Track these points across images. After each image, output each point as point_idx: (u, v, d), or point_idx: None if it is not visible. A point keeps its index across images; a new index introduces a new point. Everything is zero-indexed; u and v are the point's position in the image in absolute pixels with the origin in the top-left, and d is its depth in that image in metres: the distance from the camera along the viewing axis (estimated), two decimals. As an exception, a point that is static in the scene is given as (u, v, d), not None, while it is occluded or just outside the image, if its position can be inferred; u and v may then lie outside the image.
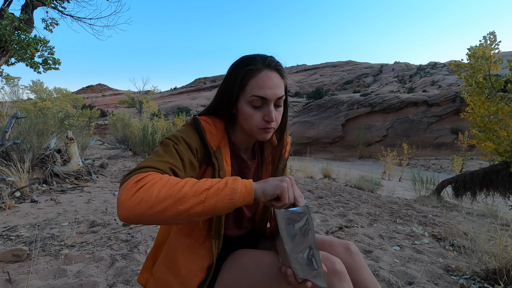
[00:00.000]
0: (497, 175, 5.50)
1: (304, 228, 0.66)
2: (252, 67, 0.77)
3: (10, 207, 2.73)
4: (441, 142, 27.75)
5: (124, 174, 0.65)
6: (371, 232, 2.49)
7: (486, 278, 1.61)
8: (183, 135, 0.77)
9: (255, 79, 0.77)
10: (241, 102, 0.80)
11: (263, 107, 0.79)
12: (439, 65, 70.78)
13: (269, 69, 0.78)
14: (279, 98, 0.79)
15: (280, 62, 0.82)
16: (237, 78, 0.79)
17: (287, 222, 0.65)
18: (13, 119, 3.78)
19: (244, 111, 0.80)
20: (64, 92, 24.68)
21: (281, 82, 0.81)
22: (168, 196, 0.59)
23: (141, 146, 7.14)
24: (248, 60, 0.79)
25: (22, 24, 6.15)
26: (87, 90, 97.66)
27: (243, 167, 0.91)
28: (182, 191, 0.60)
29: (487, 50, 5.43)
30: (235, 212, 0.92)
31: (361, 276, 0.83)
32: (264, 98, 0.77)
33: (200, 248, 0.84)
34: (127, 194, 0.58)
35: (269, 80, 0.77)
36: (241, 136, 0.89)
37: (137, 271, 1.54)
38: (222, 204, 0.61)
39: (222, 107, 0.84)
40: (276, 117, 0.80)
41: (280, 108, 0.82)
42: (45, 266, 1.58)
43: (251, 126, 0.80)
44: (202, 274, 0.81)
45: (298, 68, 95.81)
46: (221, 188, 0.62)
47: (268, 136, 0.82)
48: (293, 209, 0.65)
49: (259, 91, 0.77)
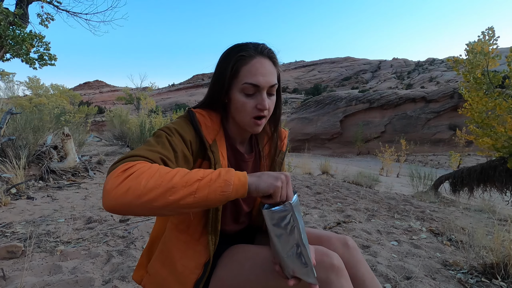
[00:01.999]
0: (494, 171, 5.51)
1: (290, 226, 0.64)
2: (245, 53, 0.76)
3: (6, 204, 2.71)
4: (439, 138, 27.84)
5: (112, 163, 0.62)
6: (369, 227, 2.49)
7: (484, 273, 1.61)
8: (177, 127, 0.74)
9: (247, 66, 0.75)
10: (234, 90, 0.78)
11: (255, 95, 0.77)
12: (437, 61, 70.81)
13: (262, 56, 0.77)
14: (272, 86, 0.77)
15: (272, 50, 0.80)
16: (229, 65, 0.77)
17: (271, 221, 0.64)
18: (7, 115, 3.74)
19: (236, 99, 0.78)
20: (61, 88, 24.47)
21: (274, 69, 0.79)
22: (158, 185, 0.56)
23: (138, 143, 7.11)
24: (240, 47, 0.78)
25: (16, 19, 6.06)
26: (85, 86, 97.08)
27: (240, 160, 0.89)
28: (173, 181, 0.57)
29: (485, 45, 5.42)
30: (233, 207, 0.90)
31: (359, 271, 0.82)
32: (257, 86, 0.75)
33: (197, 244, 0.82)
34: (114, 182, 0.55)
35: (262, 67, 0.76)
36: (235, 128, 0.87)
37: (133, 267, 1.53)
38: (214, 196, 0.59)
39: (216, 97, 0.81)
40: (269, 106, 0.78)
41: (272, 97, 0.80)
42: (40, 263, 1.56)
43: (244, 116, 0.78)
44: (198, 271, 0.80)
45: (297, 64, 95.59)
46: (214, 179, 0.60)
47: (259, 128, 0.80)
48: (276, 208, 0.64)
49: (251, 78, 0.75)
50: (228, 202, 0.87)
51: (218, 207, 0.80)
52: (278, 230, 0.64)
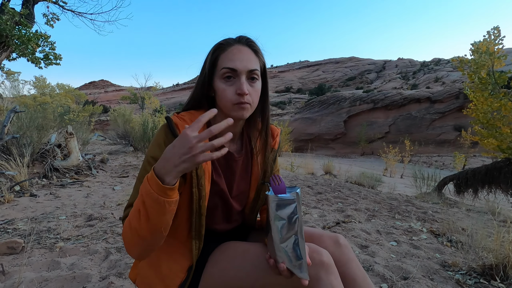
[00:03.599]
0: (499, 172, 5.44)
1: (292, 215, 0.65)
2: (223, 42, 0.80)
3: (9, 201, 2.74)
4: (443, 139, 27.58)
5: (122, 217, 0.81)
6: (369, 227, 2.48)
7: (483, 274, 1.59)
8: (154, 153, 0.77)
9: (225, 53, 0.78)
10: (215, 80, 0.80)
11: (235, 80, 0.77)
12: (443, 62, 70.15)
13: (240, 44, 0.80)
14: (251, 71, 0.77)
15: (252, 39, 0.82)
16: (209, 55, 0.81)
17: (276, 208, 0.65)
18: (12, 113, 3.79)
19: (218, 87, 0.79)
20: (66, 88, 24.73)
21: (254, 57, 0.80)
22: (132, 236, 0.68)
23: (141, 142, 7.16)
24: (221, 40, 0.81)
25: (22, 19, 6.13)
26: (90, 86, 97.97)
27: (230, 160, 0.89)
28: (132, 225, 0.67)
29: (491, 45, 5.35)
30: (224, 206, 0.90)
31: (349, 269, 0.82)
32: (234, 70, 0.76)
33: (183, 248, 0.83)
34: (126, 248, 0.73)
35: (240, 53, 0.78)
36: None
37: (130, 264, 1.54)
38: (157, 210, 0.63)
39: (200, 91, 0.83)
40: (251, 94, 0.78)
41: (255, 84, 0.79)
42: (39, 259, 1.58)
43: (226, 102, 0.78)
44: (182, 275, 0.80)
45: (301, 64, 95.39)
46: (143, 200, 0.64)
47: (244, 113, 0.78)
48: (283, 196, 0.66)
49: (229, 63, 0.77)
50: (218, 201, 0.88)
51: (201, 211, 0.80)
52: (280, 218, 0.65)
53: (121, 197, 3.12)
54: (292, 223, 0.65)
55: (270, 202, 0.66)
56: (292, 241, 0.66)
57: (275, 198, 0.65)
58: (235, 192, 0.91)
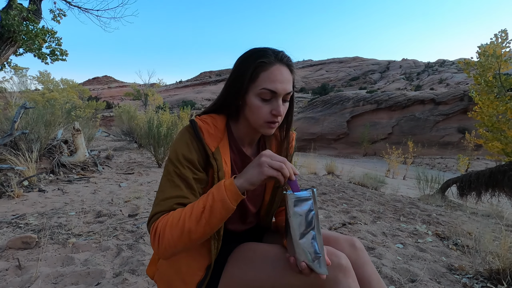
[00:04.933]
0: (503, 176, 5.43)
1: (309, 212, 0.69)
2: (265, 60, 0.77)
3: (19, 196, 2.79)
4: (447, 141, 27.45)
5: (146, 222, 0.81)
6: (374, 229, 2.50)
7: (489, 278, 1.61)
8: (183, 151, 0.79)
9: (267, 72, 0.77)
10: (250, 94, 0.80)
11: (271, 100, 0.79)
12: (447, 63, 69.69)
13: (281, 64, 0.79)
14: (287, 93, 0.80)
15: (290, 58, 0.82)
16: (248, 69, 0.78)
17: (294, 205, 0.69)
18: (21, 109, 3.83)
19: (252, 103, 0.80)
20: (70, 83, 24.82)
21: (291, 77, 0.81)
22: (180, 234, 0.69)
23: (146, 139, 7.18)
24: (260, 52, 0.79)
25: (30, 15, 6.16)
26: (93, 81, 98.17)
27: (246, 163, 0.91)
28: (186, 226, 0.68)
29: (498, 48, 5.34)
30: (239, 208, 0.92)
31: (365, 272, 0.84)
32: (274, 92, 0.77)
33: (201, 247, 0.85)
34: (154, 245, 0.72)
35: (281, 75, 0.78)
36: (245, 129, 0.88)
37: (142, 261, 1.57)
38: (221, 215, 0.68)
39: (231, 99, 0.84)
40: (283, 112, 0.80)
41: (286, 103, 0.83)
42: (53, 254, 1.61)
43: (258, 119, 0.80)
44: (201, 273, 0.83)
45: (304, 63, 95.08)
46: (212, 204, 0.68)
47: (272, 131, 0.82)
48: (299, 193, 0.69)
49: (270, 84, 0.77)
50: None
51: None
52: (298, 215, 0.68)
53: (128, 194, 3.15)
54: (309, 219, 0.69)
55: (288, 200, 0.69)
56: (310, 236, 0.68)
57: (292, 196, 0.69)
58: (250, 194, 0.94)
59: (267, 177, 0.67)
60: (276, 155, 0.70)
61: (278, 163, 0.67)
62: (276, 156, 0.69)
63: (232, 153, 0.89)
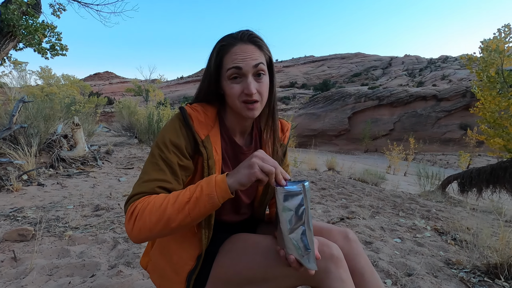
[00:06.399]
0: (504, 172, 5.41)
1: (299, 207, 0.66)
2: (225, 42, 0.78)
3: (18, 190, 2.79)
4: (449, 138, 27.36)
5: (125, 202, 0.76)
6: (373, 224, 2.49)
7: (487, 272, 1.60)
8: (171, 136, 0.78)
9: (229, 53, 0.77)
10: (222, 80, 0.80)
11: (242, 80, 0.77)
12: (450, 59, 69.21)
13: (242, 42, 0.77)
14: (255, 66, 0.76)
15: (256, 34, 0.80)
16: (213, 57, 0.79)
17: (284, 200, 0.66)
18: (20, 103, 3.82)
19: (226, 87, 0.79)
20: (71, 79, 24.81)
21: (259, 52, 0.78)
22: (158, 219, 0.66)
23: (146, 134, 7.19)
24: (221, 38, 0.80)
25: (29, 9, 6.13)
26: (95, 77, 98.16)
27: (239, 153, 0.90)
28: (167, 213, 0.66)
29: (501, 43, 5.28)
30: (232, 199, 0.91)
31: (358, 264, 0.83)
32: (239, 68, 0.75)
33: (192, 237, 0.85)
34: (128, 226, 0.69)
35: (242, 52, 0.76)
36: (232, 117, 0.87)
37: (138, 254, 1.57)
38: (204, 210, 0.66)
39: (206, 90, 0.84)
40: (259, 90, 0.78)
41: (262, 80, 0.79)
42: (49, 246, 1.61)
43: (234, 101, 0.79)
44: (192, 263, 0.83)
45: (306, 59, 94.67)
46: (198, 196, 0.66)
47: (253, 112, 0.79)
48: (289, 188, 0.66)
49: (232, 63, 0.76)
50: None
51: None
52: (288, 209, 0.66)
53: (127, 188, 3.15)
54: (299, 214, 0.66)
55: (278, 194, 0.67)
56: (300, 231, 0.67)
57: (282, 190, 0.66)
58: None
59: (257, 179, 0.66)
60: (268, 158, 0.68)
61: (268, 167, 0.66)
62: (268, 159, 0.67)
63: (223, 142, 0.88)
